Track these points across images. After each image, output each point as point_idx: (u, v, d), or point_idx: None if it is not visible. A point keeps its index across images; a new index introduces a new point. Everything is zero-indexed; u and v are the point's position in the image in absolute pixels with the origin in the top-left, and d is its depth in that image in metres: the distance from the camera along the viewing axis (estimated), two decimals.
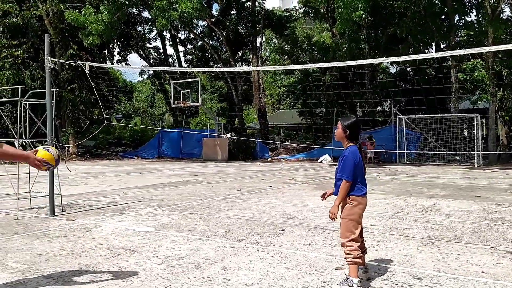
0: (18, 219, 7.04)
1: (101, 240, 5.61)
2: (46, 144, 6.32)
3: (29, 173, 7.93)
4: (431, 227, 6.27)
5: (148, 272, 4.26)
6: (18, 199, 7.37)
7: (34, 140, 7.62)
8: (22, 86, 7.16)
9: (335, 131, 4.13)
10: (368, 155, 21.60)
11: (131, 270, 4.33)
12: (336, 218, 3.92)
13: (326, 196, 4.29)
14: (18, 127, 7.20)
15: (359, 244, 3.80)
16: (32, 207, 8.05)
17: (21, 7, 26.20)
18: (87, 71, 7.13)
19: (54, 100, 7.16)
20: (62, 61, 10.46)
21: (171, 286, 3.84)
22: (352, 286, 3.64)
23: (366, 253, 4.03)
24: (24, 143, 10.46)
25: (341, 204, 3.96)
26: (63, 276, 4.15)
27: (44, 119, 7.37)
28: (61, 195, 7.91)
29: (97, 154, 28.93)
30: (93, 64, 7.67)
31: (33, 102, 7.94)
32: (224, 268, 4.36)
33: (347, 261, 3.78)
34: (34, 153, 3.53)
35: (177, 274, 4.19)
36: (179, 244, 5.35)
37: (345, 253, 3.80)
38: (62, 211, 7.68)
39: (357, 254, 3.73)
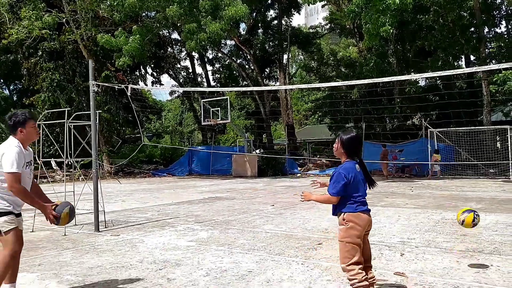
0: (65, 235, 7.40)
1: (146, 254, 5.87)
2: (91, 164, 6.67)
3: (73, 191, 8.33)
4: (469, 240, 6.28)
5: (195, 283, 4.47)
6: None
7: (79, 159, 8.00)
8: (68, 108, 7.57)
9: (334, 146, 3.93)
10: (434, 169, 20.93)
11: (179, 281, 4.55)
12: (303, 200, 3.88)
13: (315, 183, 4.18)
14: (66, 148, 7.59)
15: (361, 266, 3.57)
16: (76, 223, 8.41)
17: (58, 32, 27.36)
18: (129, 94, 7.53)
19: (98, 121, 7.54)
20: (106, 84, 10.97)
21: None
22: None
23: (375, 282, 3.77)
24: (69, 163, 10.92)
25: (338, 224, 3.77)
26: None
27: (82, 140, 7.76)
28: (104, 212, 8.25)
29: (130, 172, 29.59)
30: (135, 86, 8.06)
31: (78, 124, 8.37)
32: (267, 280, 4.52)
33: (353, 287, 3.55)
34: (53, 207, 3.95)
35: (224, 285, 4.39)
36: (221, 258, 5.55)
37: (349, 279, 3.59)
38: (106, 227, 8.00)
39: (362, 277, 3.51)
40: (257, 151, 27.79)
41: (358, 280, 3.50)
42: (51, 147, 25.32)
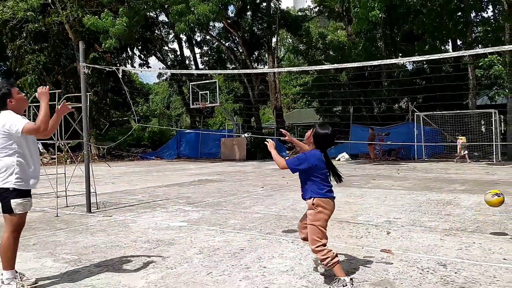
0: (57, 216, 7.47)
1: (140, 233, 5.98)
2: (77, 147, 6.71)
3: (64, 174, 8.39)
4: (453, 220, 6.51)
5: (189, 261, 4.61)
6: (57, 197, 7.79)
7: (70, 141, 8.03)
8: (58, 91, 7.56)
9: (306, 133, 4.13)
10: (463, 152, 19.89)
11: (173, 259, 4.68)
12: (266, 142, 4.26)
13: (286, 137, 4.49)
14: (57, 130, 7.61)
15: (327, 246, 3.78)
16: (68, 205, 8.48)
17: (43, 14, 26.89)
18: (120, 76, 7.54)
19: (88, 104, 7.56)
20: (97, 66, 10.85)
21: (212, 273, 4.18)
22: (346, 285, 3.60)
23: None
24: (60, 146, 10.91)
25: (307, 208, 3.97)
26: (112, 265, 4.52)
27: (74, 121, 7.78)
28: (96, 193, 8.32)
29: (118, 156, 29.54)
30: (126, 68, 8.05)
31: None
32: (258, 257, 4.68)
33: (327, 266, 3.73)
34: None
35: (216, 262, 4.53)
36: (213, 237, 5.69)
37: (321, 260, 3.77)
38: (97, 209, 8.09)
39: (333, 254, 3.68)
40: (245, 134, 27.86)
41: (330, 258, 3.68)
42: None
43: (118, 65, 29.88)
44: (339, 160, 23.12)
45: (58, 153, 19.59)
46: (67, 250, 5.17)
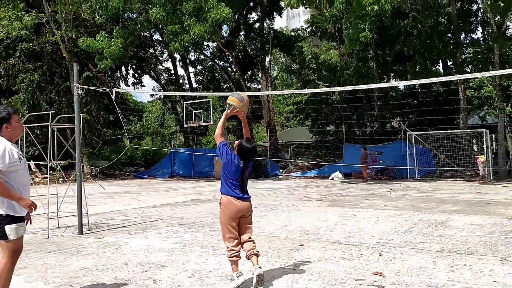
0: (49, 237, 7.41)
1: (131, 256, 5.95)
2: (75, 167, 6.70)
3: (56, 194, 8.34)
4: (445, 241, 6.54)
5: (181, 284, 4.59)
6: (49, 218, 7.74)
7: (62, 162, 8.02)
8: (52, 111, 7.58)
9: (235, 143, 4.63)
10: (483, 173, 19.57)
11: (165, 282, 4.66)
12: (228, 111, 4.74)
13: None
14: (49, 151, 7.60)
15: (234, 244, 4.38)
16: (59, 226, 8.42)
17: (37, 33, 27.00)
18: (113, 97, 7.59)
19: (82, 124, 7.57)
20: (91, 88, 10.90)
21: None
22: (233, 279, 4.32)
23: (256, 254, 4.42)
24: (52, 166, 10.88)
25: None
26: None
27: (63, 141, 7.77)
28: (88, 214, 8.28)
29: (111, 174, 29.38)
30: (119, 90, 8.11)
31: (61, 127, 8.38)
32: (251, 280, 4.66)
33: (228, 258, 4.44)
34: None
35: (209, 286, 4.52)
36: (205, 259, 5.67)
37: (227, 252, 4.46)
38: (89, 230, 8.03)
39: (231, 254, 4.35)
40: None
41: (228, 255, 4.40)
42: (30, 148, 24.98)
43: (112, 84, 30.00)
44: (332, 179, 23.17)
45: (51, 172, 19.49)
46: (58, 274, 5.13)
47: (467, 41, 26.30)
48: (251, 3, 32.85)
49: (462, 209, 10.12)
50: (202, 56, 36.88)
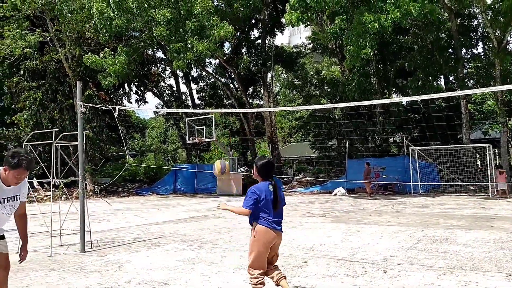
0: (51, 256, 7.38)
1: (134, 274, 5.91)
2: (73, 183, 6.72)
3: (59, 212, 8.34)
4: (450, 257, 6.48)
5: None
6: (52, 236, 7.72)
7: (65, 179, 8.03)
8: (56, 129, 7.62)
9: (252, 171, 4.63)
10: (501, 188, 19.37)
11: None
12: (218, 208, 4.69)
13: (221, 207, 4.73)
14: (53, 169, 7.63)
15: (260, 272, 4.35)
16: (62, 244, 8.39)
17: (41, 51, 27.28)
18: (116, 115, 7.64)
19: (85, 142, 7.60)
20: (94, 105, 10.99)
21: None
22: None
23: (285, 277, 4.48)
24: (56, 183, 10.89)
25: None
26: None
27: (66, 159, 7.81)
28: (90, 232, 8.25)
29: (113, 191, 29.35)
30: (122, 107, 8.17)
31: (64, 144, 8.42)
32: None
33: (251, 286, 4.37)
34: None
35: None
36: (208, 277, 5.63)
37: (250, 280, 4.39)
38: (92, 248, 8.00)
39: (256, 282, 4.31)
40: (241, 169, 27.86)
41: (253, 283, 4.34)
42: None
43: (114, 101, 30.17)
44: (335, 194, 23.08)
45: (54, 189, 19.50)
46: None
47: (468, 56, 26.43)
48: (253, 21, 33.21)
49: (467, 225, 10.05)
50: (204, 73, 37.14)
